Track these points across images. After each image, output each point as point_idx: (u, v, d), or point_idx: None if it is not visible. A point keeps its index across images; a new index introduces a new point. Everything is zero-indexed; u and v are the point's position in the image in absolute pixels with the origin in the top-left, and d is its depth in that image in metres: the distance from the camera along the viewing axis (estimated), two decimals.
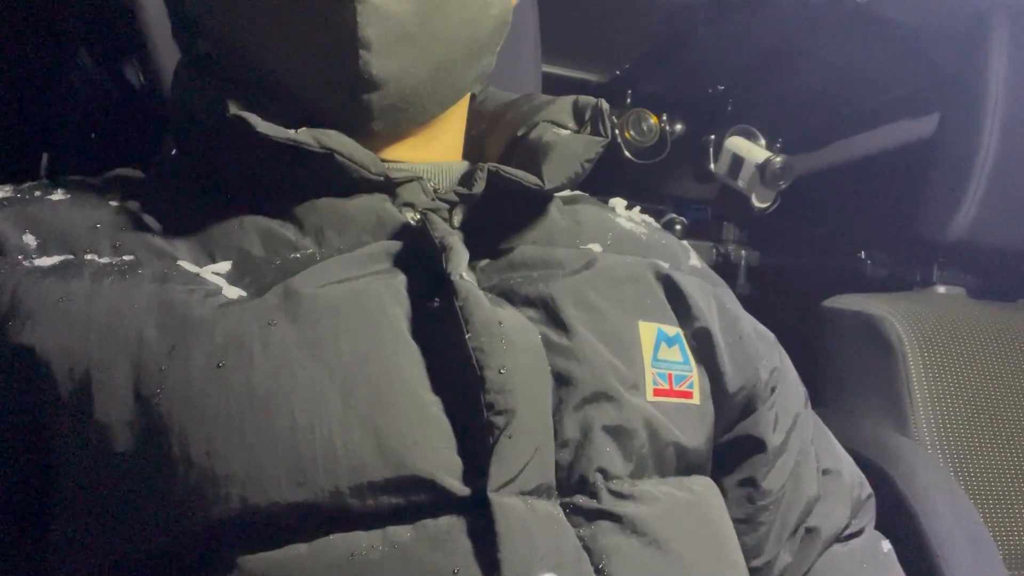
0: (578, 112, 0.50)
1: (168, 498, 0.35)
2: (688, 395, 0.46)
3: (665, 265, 0.50)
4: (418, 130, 0.47)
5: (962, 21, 0.90)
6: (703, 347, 0.48)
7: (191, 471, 0.35)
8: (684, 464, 0.45)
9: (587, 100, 0.50)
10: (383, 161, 0.45)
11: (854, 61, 1.01)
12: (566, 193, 0.53)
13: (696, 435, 0.45)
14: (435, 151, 0.48)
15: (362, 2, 0.38)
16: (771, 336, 0.56)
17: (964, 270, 0.98)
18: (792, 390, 0.55)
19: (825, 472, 0.55)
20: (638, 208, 0.57)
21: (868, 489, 0.59)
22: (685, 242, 0.57)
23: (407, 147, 0.47)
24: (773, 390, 0.52)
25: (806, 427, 0.55)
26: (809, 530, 0.53)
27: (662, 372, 0.45)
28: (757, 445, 0.50)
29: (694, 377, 0.46)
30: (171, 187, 0.45)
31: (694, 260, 0.55)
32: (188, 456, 0.35)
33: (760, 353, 0.52)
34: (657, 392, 0.44)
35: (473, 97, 0.54)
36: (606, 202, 0.55)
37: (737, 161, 1.04)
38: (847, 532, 0.56)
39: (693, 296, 0.48)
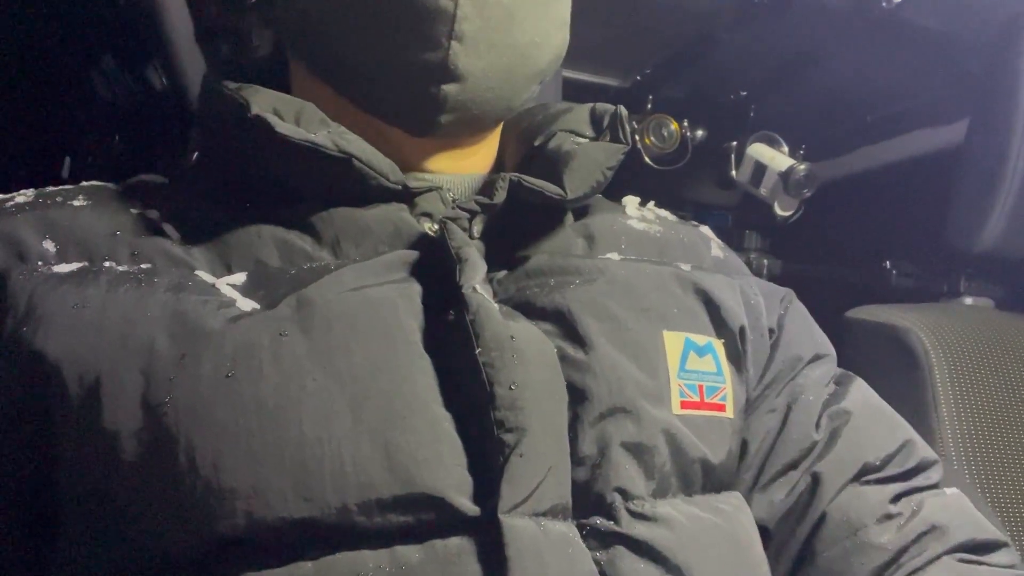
0: (596, 120, 0.49)
1: (173, 510, 0.34)
2: (721, 408, 0.44)
3: (686, 267, 0.48)
4: (464, 141, 0.47)
5: (992, 26, 0.88)
6: (732, 354, 0.47)
7: (197, 483, 0.34)
8: (712, 481, 0.43)
9: (604, 107, 0.49)
10: (411, 171, 0.45)
11: (880, 67, 0.99)
12: None
13: (724, 450, 0.44)
14: (472, 164, 0.48)
15: None
16: (782, 292, 0.54)
17: (992, 281, 0.96)
18: (798, 344, 0.51)
19: (834, 415, 0.49)
20: (652, 203, 0.55)
21: (906, 436, 0.50)
22: (705, 228, 0.56)
23: (450, 158, 0.47)
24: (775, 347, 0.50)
25: (808, 377, 0.50)
26: (815, 478, 0.47)
27: (691, 383, 0.43)
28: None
29: (728, 389, 0.45)
30: (192, 195, 0.45)
31: (716, 250, 0.53)
32: (194, 467, 0.34)
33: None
34: (685, 405, 0.42)
35: None
36: (618, 201, 0.54)
37: (760, 169, 1.02)
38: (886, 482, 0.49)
39: (721, 296, 0.47)
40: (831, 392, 0.50)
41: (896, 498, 0.47)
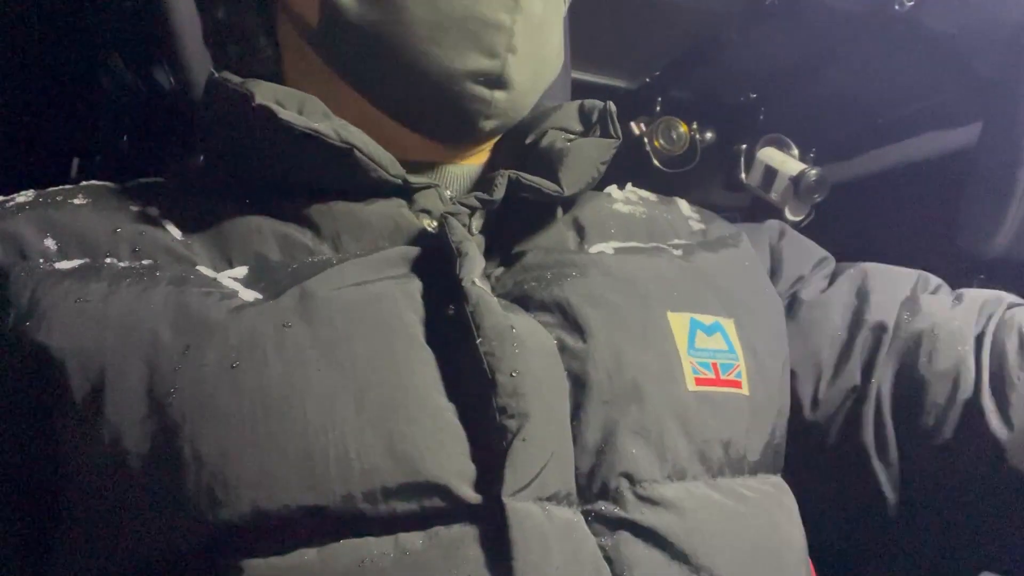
0: (585, 116, 0.50)
1: (178, 500, 0.34)
2: (737, 384, 0.44)
3: (678, 252, 0.49)
4: (484, 144, 0.49)
5: (1006, 29, 0.87)
6: (741, 327, 0.47)
7: (202, 472, 0.34)
8: (739, 463, 0.43)
9: (593, 103, 0.51)
10: (409, 165, 0.45)
11: (892, 69, 0.98)
12: None
13: (747, 429, 0.43)
14: (469, 160, 0.49)
15: (520, 12, 0.43)
16: (774, 226, 0.57)
17: (1006, 287, 0.95)
18: (794, 264, 0.55)
19: (853, 274, 0.54)
20: (629, 184, 0.56)
21: (918, 272, 0.56)
22: (680, 201, 0.57)
23: (451, 156, 0.48)
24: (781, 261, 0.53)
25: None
26: (877, 325, 0.50)
27: (704, 361, 0.43)
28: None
29: (742, 366, 0.45)
30: (193, 193, 0.45)
31: (695, 225, 0.54)
32: (199, 457, 0.34)
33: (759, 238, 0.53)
34: (700, 381, 0.42)
35: None
36: (602, 190, 0.55)
37: (770, 173, 1.01)
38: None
39: (717, 279, 0.48)
40: (833, 272, 0.53)
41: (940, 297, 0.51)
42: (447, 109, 0.44)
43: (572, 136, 0.49)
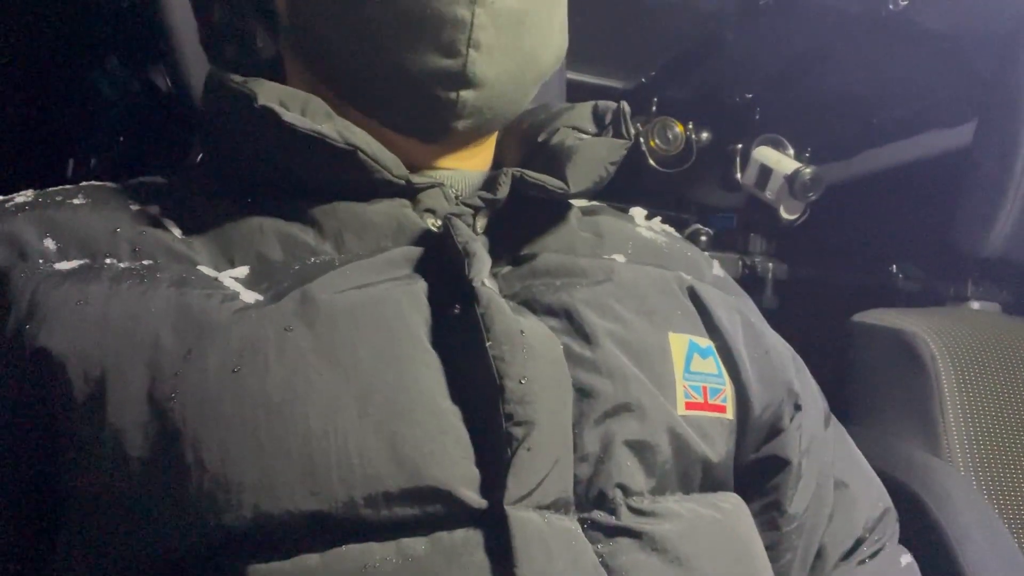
0: (598, 116, 0.50)
1: (180, 504, 0.34)
2: (722, 409, 0.44)
3: (688, 277, 0.49)
4: (473, 141, 0.48)
5: (1000, 28, 0.87)
6: (727, 362, 0.47)
7: (204, 477, 0.34)
8: (710, 481, 0.44)
9: (607, 104, 0.50)
10: (413, 169, 0.45)
11: (887, 68, 0.98)
12: (585, 203, 0.53)
13: (724, 450, 0.44)
14: (474, 163, 0.49)
15: (482, 5, 0.40)
16: (791, 350, 0.55)
17: (1000, 285, 0.95)
18: (813, 405, 0.53)
19: (835, 485, 0.53)
20: (659, 218, 0.56)
21: (886, 503, 0.56)
22: (707, 254, 0.57)
23: (453, 158, 0.47)
24: (798, 408, 0.50)
25: (826, 444, 0.53)
26: (817, 551, 0.51)
27: (695, 385, 0.43)
28: (783, 466, 0.48)
29: (728, 391, 0.45)
30: (193, 193, 0.45)
31: (717, 270, 0.54)
32: (201, 462, 0.34)
33: (787, 367, 0.51)
34: (689, 406, 0.43)
35: None
36: (625, 211, 0.54)
37: (765, 172, 1.02)
38: (863, 552, 0.53)
39: (717, 311, 0.47)
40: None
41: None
42: (413, 110, 0.43)
43: (584, 136, 0.48)
